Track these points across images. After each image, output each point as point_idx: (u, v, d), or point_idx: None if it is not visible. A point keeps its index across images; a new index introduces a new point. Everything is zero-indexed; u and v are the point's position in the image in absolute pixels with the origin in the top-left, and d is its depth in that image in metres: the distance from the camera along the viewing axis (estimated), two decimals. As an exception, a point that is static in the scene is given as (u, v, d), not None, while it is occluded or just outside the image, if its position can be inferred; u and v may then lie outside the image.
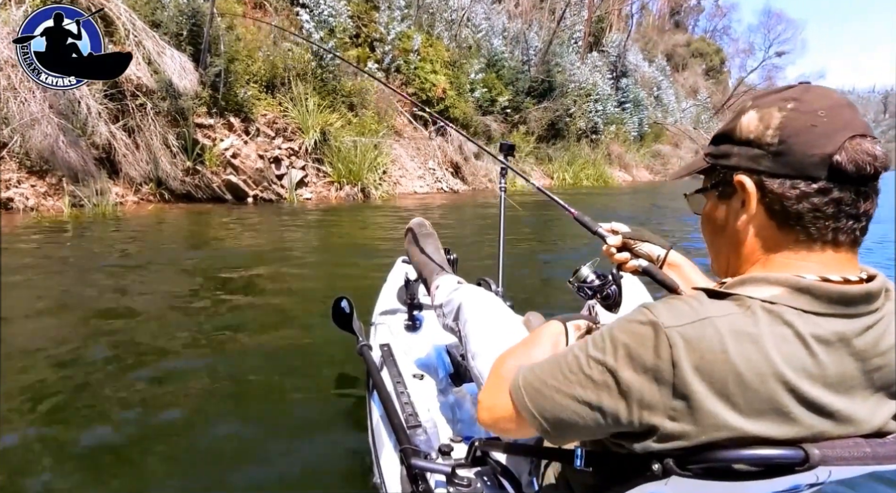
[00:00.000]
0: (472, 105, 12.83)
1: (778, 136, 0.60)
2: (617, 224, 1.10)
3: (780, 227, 0.63)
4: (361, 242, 5.46)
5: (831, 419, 0.58)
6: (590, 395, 0.61)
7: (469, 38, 13.78)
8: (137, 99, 6.90)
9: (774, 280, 0.61)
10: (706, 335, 0.56)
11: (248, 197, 7.80)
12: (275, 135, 8.53)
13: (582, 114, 16.97)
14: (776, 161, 0.61)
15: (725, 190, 0.67)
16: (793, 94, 0.62)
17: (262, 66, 8.71)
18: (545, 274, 4.37)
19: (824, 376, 0.58)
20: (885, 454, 0.58)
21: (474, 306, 1.28)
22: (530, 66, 15.03)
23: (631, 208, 10.59)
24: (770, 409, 0.56)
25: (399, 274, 2.06)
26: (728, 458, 0.56)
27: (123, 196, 6.78)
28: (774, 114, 0.61)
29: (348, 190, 8.77)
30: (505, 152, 2.01)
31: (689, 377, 0.56)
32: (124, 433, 1.74)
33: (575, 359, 0.63)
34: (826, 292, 0.59)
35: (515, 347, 0.85)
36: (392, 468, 1.19)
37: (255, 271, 3.94)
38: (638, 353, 0.58)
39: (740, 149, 0.64)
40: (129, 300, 3.13)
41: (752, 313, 0.58)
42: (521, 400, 0.67)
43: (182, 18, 7.40)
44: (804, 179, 0.59)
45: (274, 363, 2.31)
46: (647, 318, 0.59)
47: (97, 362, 2.23)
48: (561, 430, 0.65)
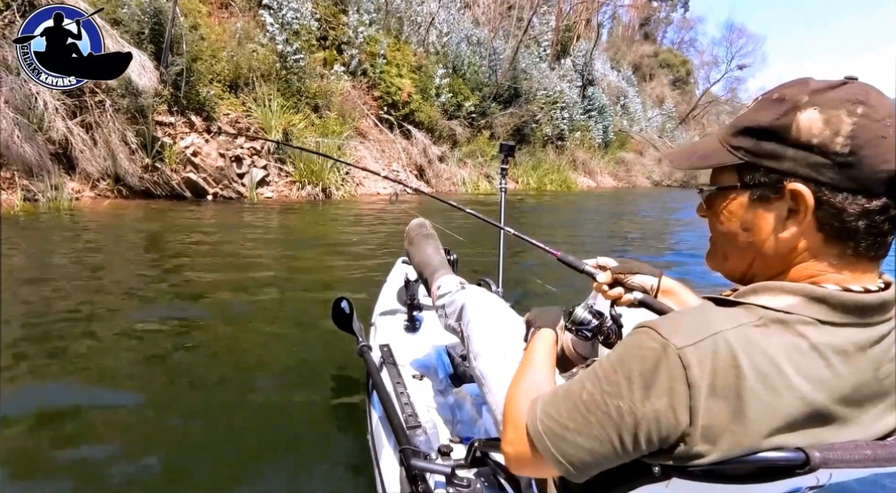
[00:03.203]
0: (438, 109, 13.09)
1: (850, 145, 0.55)
2: (603, 259, 1.05)
3: (827, 240, 0.59)
4: (330, 235, 5.66)
5: (836, 426, 0.58)
6: (610, 433, 0.59)
7: (436, 44, 14.06)
8: (96, 96, 6.96)
9: (790, 289, 0.59)
10: (718, 352, 0.54)
11: (208, 195, 7.91)
12: (237, 134, 8.64)
13: (548, 120, 17.42)
14: (842, 173, 0.56)
15: (766, 194, 0.61)
16: (857, 95, 0.56)
17: (226, 66, 8.81)
18: (544, 273, 4.48)
19: (841, 387, 0.56)
20: (885, 456, 0.57)
21: (477, 307, 1.27)
22: (497, 72, 15.39)
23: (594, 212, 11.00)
24: (785, 423, 0.55)
25: (399, 275, 2.06)
26: (730, 461, 0.56)
27: (80, 191, 6.83)
28: (844, 119, 0.55)
29: (310, 190, 8.94)
30: (505, 153, 2.04)
31: (704, 398, 0.54)
32: (126, 433, 1.74)
33: (591, 397, 0.61)
34: (842, 301, 0.57)
35: (518, 375, 0.82)
36: (392, 469, 1.19)
37: (244, 270, 4.03)
38: (650, 379, 0.56)
39: (797, 152, 0.57)
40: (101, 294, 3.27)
41: (764, 324, 0.56)
42: (545, 447, 0.64)
43: (144, 17, 7.48)
44: (865, 194, 0.56)
45: (273, 363, 2.33)
46: (656, 340, 0.57)
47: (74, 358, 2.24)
48: (584, 470, 0.63)
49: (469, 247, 4.68)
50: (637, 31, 35.41)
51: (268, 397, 2.04)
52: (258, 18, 9.86)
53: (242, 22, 9.55)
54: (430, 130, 12.66)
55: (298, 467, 1.60)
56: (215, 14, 9.61)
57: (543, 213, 10.23)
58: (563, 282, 3.07)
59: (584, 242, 6.73)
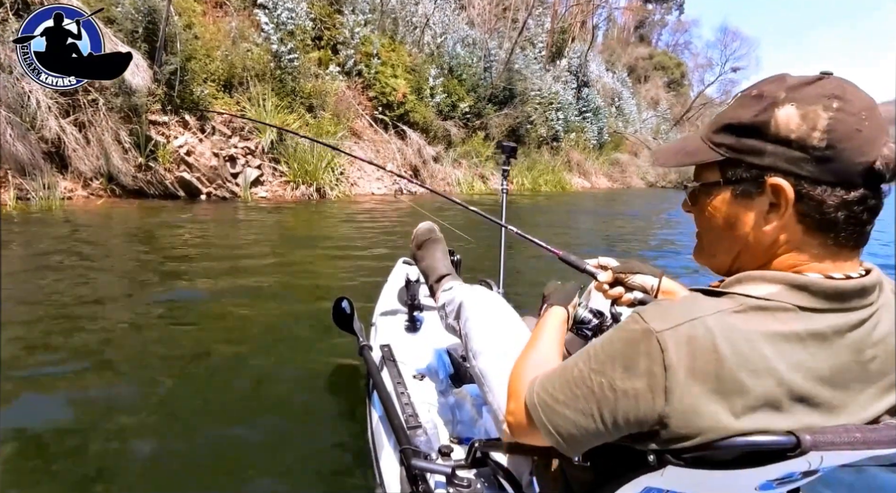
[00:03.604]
0: (433, 110, 13.12)
1: (826, 140, 0.57)
2: (604, 259, 1.06)
3: (807, 231, 0.61)
4: (325, 234, 5.67)
5: (825, 412, 0.59)
6: (592, 407, 0.62)
7: (432, 44, 14.08)
8: (89, 94, 6.94)
9: (771, 278, 0.61)
10: (697, 336, 0.57)
11: (202, 194, 7.90)
12: (231, 134, 8.64)
13: (543, 121, 17.48)
14: (820, 167, 0.57)
15: (748, 189, 0.63)
16: (833, 89, 0.58)
17: (221, 65, 8.81)
18: (545, 273, 4.57)
19: (818, 370, 0.58)
20: (876, 439, 0.58)
21: (475, 305, 1.28)
22: (492, 73, 15.43)
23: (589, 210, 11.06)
24: (764, 405, 0.56)
25: (400, 275, 2.06)
26: (721, 446, 0.57)
27: (72, 190, 6.81)
28: (821, 114, 0.57)
29: (304, 189, 8.94)
30: (507, 154, 2.05)
31: (682, 380, 0.56)
32: (124, 434, 1.73)
33: (580, 373, 0.64)
34: (822, 288, 0.59)
35: (526, 350, 0.85)
36: (392, 469, 1.19)
37: (239, 264, 4.05)
38: (631, 360, 0.59)
39: (776, 148, 0.59)
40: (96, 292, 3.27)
41: (743, 310, 0.58)
42: (538, 417, 0.68)
43: (138, 16, 7.47)
44: (843, 186, 0.57)
45: (273, 363, 2.33)
46: (639, 324, 0.60)
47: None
48: (573, 443, 0.66)
49: (470, 246, 4.71)
50: (632, 34, 35.58)
51: (267, 396, 2.04)
52: (253, 18, 9.86)
53: (237, 21, 9.54)
54: (425, 131, 12.67)
55: (298, 466, 1.60)
56: (210, 13, 9.60)
57: (537, 212, 10.27)
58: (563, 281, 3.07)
59: (575, 241, 6.76)
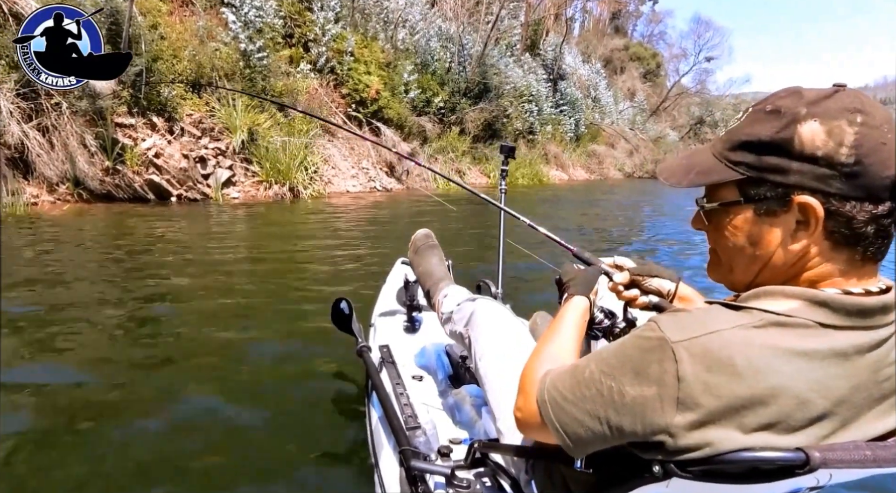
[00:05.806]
0: (407, 106, 13.13)
1: (854, 155, 0.55)
2: (621, 259, 1.03)
3: (835, 246, 0.60)
4: (303, 234, 5.69)
5: (838, 428, 0.58)
6: (599, 410, 0.62)
7: (405, 40, 14.07)
8: (52, 98, 6.85)
9: (791, 293, 0.60)
10: (713, 349, 0.56)
11: (172, 196, 7.85)
12: (201, 134, 8.58)
13: (518, 115, 17.59)
14: (849, 183, 0.56)
15: (772, 207, 0.61)
16: (853, 103, 0.57)
17: (188, 65, 8.73)
18: (545, 273, 4.50)
19: (838, 389, 0.57)
20: (885, 456, 0.57)
21: (486, 314, 1.30)
22: (466, 67, 15.46)
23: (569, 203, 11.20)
24: (777, 423, 0.55)
25: (398, 275, 2.06)
26: (729, 460, 0.56)
27: (38, 196, 6.73)
28: (846, 129, 0.56)
29: (277, 189, 8.93)
30: (506, 154, 2.05)
31: (694, 393, 0.55)
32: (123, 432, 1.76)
33: (591, 374, 0.64)
34: (843, 304, 0.58)
35: (541, 343, 0.83)
36: (391, 470, 1.19)
37: (232, 268, 4.04)
38: (643, 368, 0.58)
39: (802, 165, 0.58)
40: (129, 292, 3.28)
41: (762, 326, 0.57)
42: (547, 414, 0.67)
43: (100, 17, 7.36)
44: (872, 200, 0.57)
45: (271, 365, 2.33)
46: (655, 333, 0.59)
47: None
48: (579, 443, 0.65)
49: (464, 247, 4.70)
50: (608, 25, 35.80)
51: (266, 397, 2.05)
52: (220, 17, 9.77)
53: (204, 20, 9.45)
54: (400, 127, 12.69)
55: (298, 467, 1.61)
56: (177, 12, 9.49)
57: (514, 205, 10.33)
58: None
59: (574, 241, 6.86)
